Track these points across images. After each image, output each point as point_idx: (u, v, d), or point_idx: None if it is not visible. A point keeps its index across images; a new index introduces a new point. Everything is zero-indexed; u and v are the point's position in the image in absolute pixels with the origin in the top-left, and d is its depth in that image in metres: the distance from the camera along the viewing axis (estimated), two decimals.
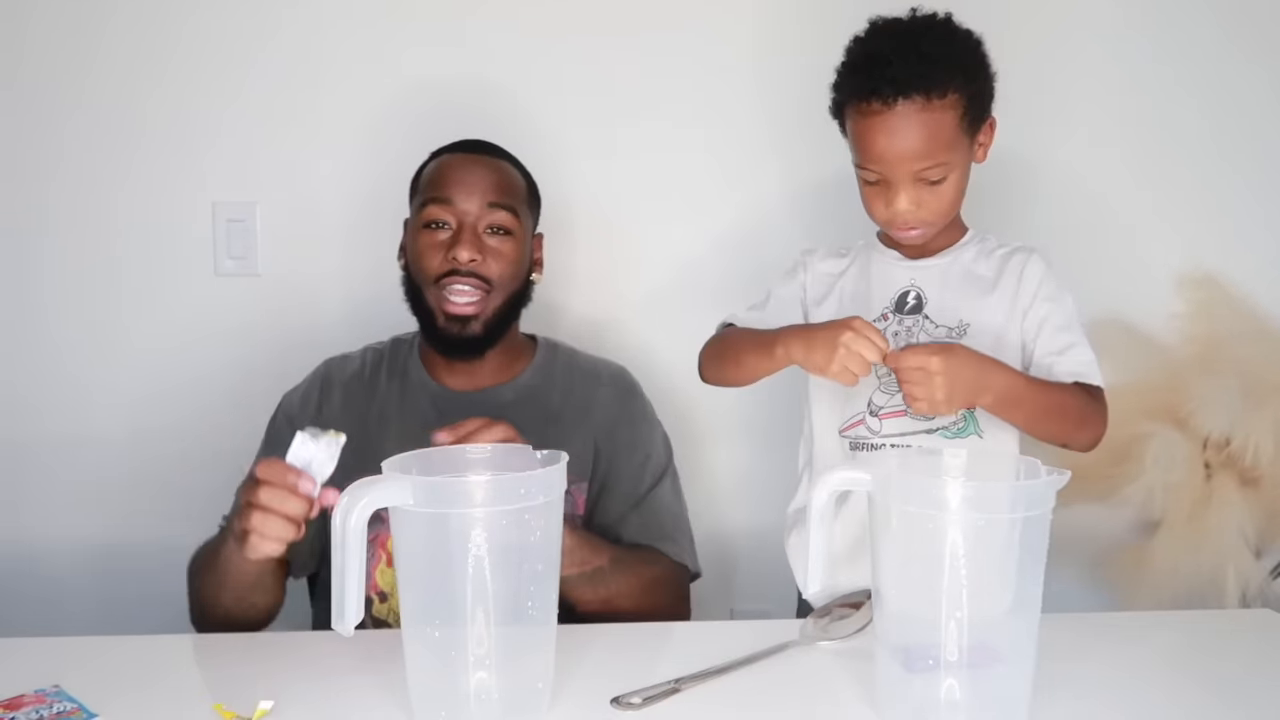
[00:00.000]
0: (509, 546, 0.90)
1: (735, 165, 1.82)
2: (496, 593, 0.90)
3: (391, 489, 0.88)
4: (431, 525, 0.89)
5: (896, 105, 1.16)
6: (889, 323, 1.26)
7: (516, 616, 0.92)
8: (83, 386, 1.83)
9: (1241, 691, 1.01)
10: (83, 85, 1.80)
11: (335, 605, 0.87)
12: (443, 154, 1.44)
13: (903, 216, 1.21)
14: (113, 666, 1.06)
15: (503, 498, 0.88)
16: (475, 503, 0.88)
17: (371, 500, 0.86)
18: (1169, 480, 1.67)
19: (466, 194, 1.37)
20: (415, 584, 0.92)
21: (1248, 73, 1.82)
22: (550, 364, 1.47)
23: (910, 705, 0.92)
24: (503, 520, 0.89)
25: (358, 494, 0.86)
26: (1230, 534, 1.68)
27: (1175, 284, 1.81)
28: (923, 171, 1.18)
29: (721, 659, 1.03)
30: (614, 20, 1.79)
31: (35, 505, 1.84)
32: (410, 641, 0.93)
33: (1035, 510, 0.88)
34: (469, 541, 0.88)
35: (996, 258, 1.28)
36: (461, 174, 1.38)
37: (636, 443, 1.43)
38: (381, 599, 1.34)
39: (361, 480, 0.88)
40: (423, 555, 0.91)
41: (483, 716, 0.91)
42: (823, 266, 1.35)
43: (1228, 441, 1.68)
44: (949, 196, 1.21)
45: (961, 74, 1.18)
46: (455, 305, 1.36)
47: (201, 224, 1.82)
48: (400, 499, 0.87)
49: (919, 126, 1.16)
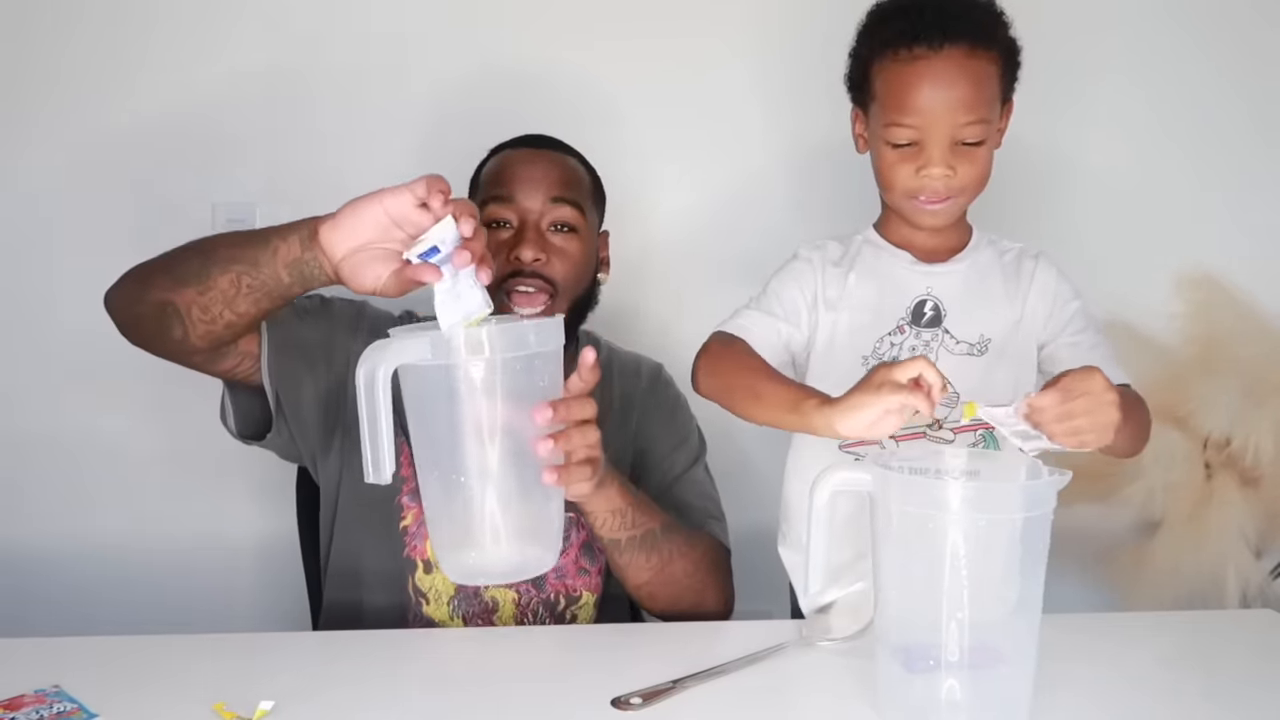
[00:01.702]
0: (521, 392, 0.98)
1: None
2: (513, 434, 0.98)
3: (409, 345, 0.95)
4: (446, 375, 0.96)
5: (943, 49, 1.09)
6: (906, 335, 1.20)
7: (530, 458, 1.00)
8: (82, 386, 1.83)
9: (1242, 692, 1.00)
10: (83, 85, 1.79)
11: (371, 457, 0.93)
12: (503, 150, 1.39)
13: (936, 181, 1.13)
14: (113, 666, 1.06)
15: (513, 345, 0.96)
16: (488, 350, 0.95)
17: (393, 358, 0.93)
18: (1169, 480, 1.67)
19: (529, 190, 1.31)
20: (432, 436, 1.00)
21: (1247, 73, 1.82)
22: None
23: (911, 706, 0.92)
24: (516, 365, 0.97)
25: (376, 355, 0.93)
26: (1230, 534, 1.68)
27: (1175, 284, 1.81)
28: (963, 128, 1.11)
29: (721, 659, 1.03)
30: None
31: (35, 505, 1.84)
32: (433, 488, 1.01)
33: (1036, 510, 0.88)
34: (488, 386, 0.96)
35: (1008, 263, 1.23)
36: (523, 169, 1.33)
37: (672, 431, 1.42)
38: (427, 569, 1.30)
39: (377, 342, 0.94)
40: (438, 406, 0.98)
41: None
42: (832, 261, 1.25)
43: (1228, 441, 1.69)
44: (982, 166, 1.14)
45: (1002, 31, 1.14)
46: (521, 299, 1.30)
47: (201, 224, 1.82)
48: (418, 355, 0.94)
49: (967, 74, 1.10)
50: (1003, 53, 1.15)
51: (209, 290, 1.09)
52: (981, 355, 1.19)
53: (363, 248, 1.01)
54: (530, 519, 1.02)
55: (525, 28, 1.80)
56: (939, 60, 1.10)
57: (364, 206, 1.00)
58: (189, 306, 1.11)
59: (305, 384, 1.29)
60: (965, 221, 1.25)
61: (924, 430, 1.19)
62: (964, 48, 1.10)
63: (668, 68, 1.80)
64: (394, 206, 0.98)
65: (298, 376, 1.28)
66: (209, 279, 1.09)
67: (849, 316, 1.22)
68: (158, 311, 1.13)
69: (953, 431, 1.20)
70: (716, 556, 1.33)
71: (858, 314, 1.22)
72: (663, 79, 1.81)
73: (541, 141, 1.39)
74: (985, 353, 1.19)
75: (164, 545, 1.83)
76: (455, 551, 1.02)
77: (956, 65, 1.11)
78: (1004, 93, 1.17)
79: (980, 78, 1.12)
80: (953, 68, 1.11)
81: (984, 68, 1.12)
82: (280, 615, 1.71)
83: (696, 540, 1.30)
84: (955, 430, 1.20)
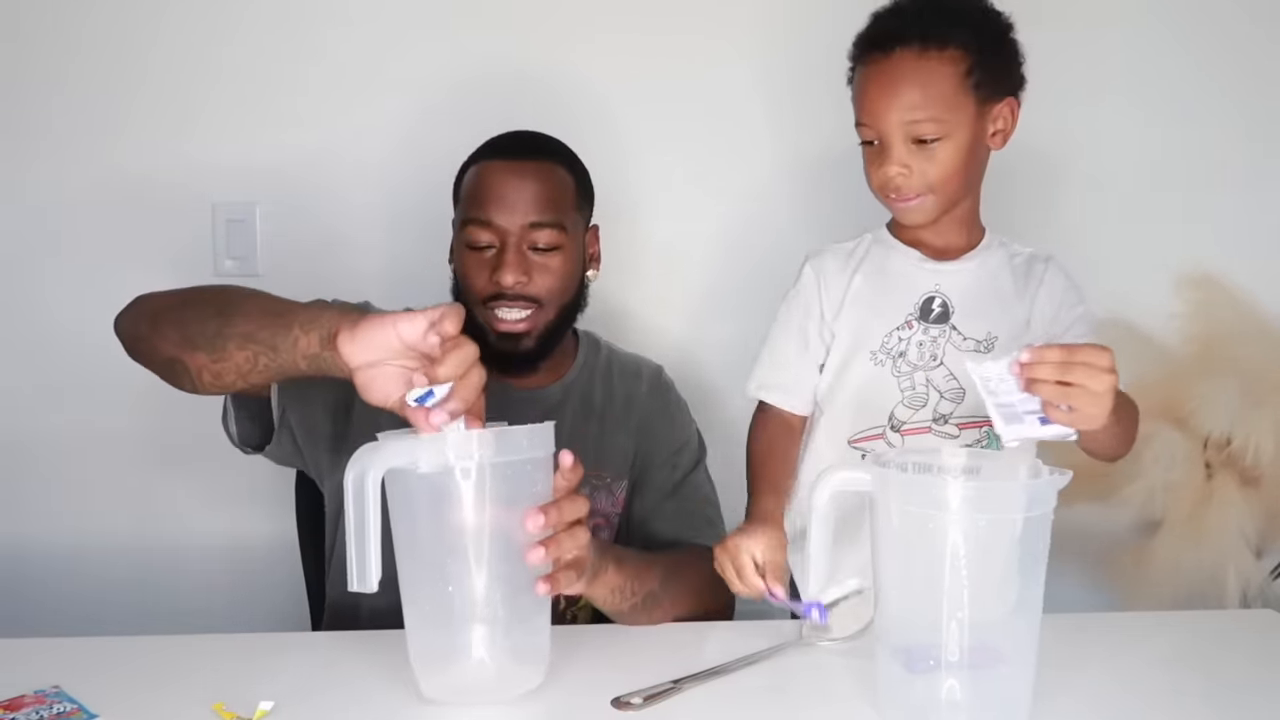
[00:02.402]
0: (513, 498, 0.94)
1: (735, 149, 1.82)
2: (507, 543, 0.94)
3: (400, 448, 0.91)
4: (439, 483, 0.92)
5: (893, 53, 1.15)
6: (914, 330, 1.22)
7: (522, 566, 0.95)
8: (82, 387, 1.83)
9: (1242, 691, 1.00)
10: (82, 85, 1.79)
11: (356, 565, 0.88)
12: (483, 158, 1.36)
13: (895, 179, 1.17)
14: (113, 666, 1.06)
15: (505, 450, 0.93)
16: (479, 456, 0.92)
17: (383, 462, 0.89)
18: (1169, 480, 1.67)
19: (507, 212, 1.30)
20: (419, 546, 0.96)
21: (1247, 73, 1.82)
22: (593, 361, 1.45)
23: (911, 706, 0.92)
24: (507, 471, 0.93)
25: (366, 458, 0.88)
26: (1231, 534, 1.68)
27: (1175, 284, 1.81)
28: (913, 125, 1.15)
29: (721, 659, 1.03)
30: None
31: (35, 505, 1.84)
32: (414, 604, 0.96)
33: (1037, 510, 0.88)
34: (478, 494, 0.92)
35: (1018, 265, 1.25)
36: (501, 189, 1.31)
37: (672, 434, 1.43)
38: None
39: (366, 445, 0.90)
40: (428, 515, 0.94)
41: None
42: (833, 267, 1.28)
43: (1228, 441, 1.68)
44: (945, 164, 1.16)
45: (967, 30, 1.16)
46: (505, 323, 1.32)
47: (201, 224, 1.82)
48: (408, 459, 0.91)
49: (912, 74, 1.15)
50: (969, 48, 1.16)
51: (222, 361, 1.07)
52: (988, 352, 1.21)
53: (375, 364, 0.99)
54: (518, 634, 0.97)
55: (531, 29, 1.80)
56: (888, 63, 1.16)
57: (379, 328, 0.98)
58: (200, 370, 1.09)
59: (314, 397, 1.29)
60: (977, 222, 1.27)
61: (929, 425, 1.20)
62: (915, 48, 1.15)
63: (668, 66, 1.80)
64: (407, 332, 0.97)
65: (306, 392, 1.27)
66: (224, 351, 1.07)
67: (857, 313, 1.25)
68: (167, 365, 1.12)
69: (958, 427, 1.22)
70: (714, 572, 1.33)
71: (865, 310, 1.25)
72: (663, 77, 1.80)
73: (521, 147, 1.36)
74: (992, 350, 1.21)
75: (164, 545, 1.83)
76: (436, 666, 0.96)
77: (904, 66, 1.15)
78: (979, 92, 1.17)
79: (932, 76, 1.15)
80: (900, 68, 1.15)
81: (936, 69, 1.15)
82: (280, 615, 1.70)
83: (697, 569, 1.27)
84: (960, 426, 1.22)
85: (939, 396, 1.22)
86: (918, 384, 1.22)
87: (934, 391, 1.22)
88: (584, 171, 1.41)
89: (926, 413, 1.22)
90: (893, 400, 1.22)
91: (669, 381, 1.48)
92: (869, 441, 1.24)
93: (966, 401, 1.21)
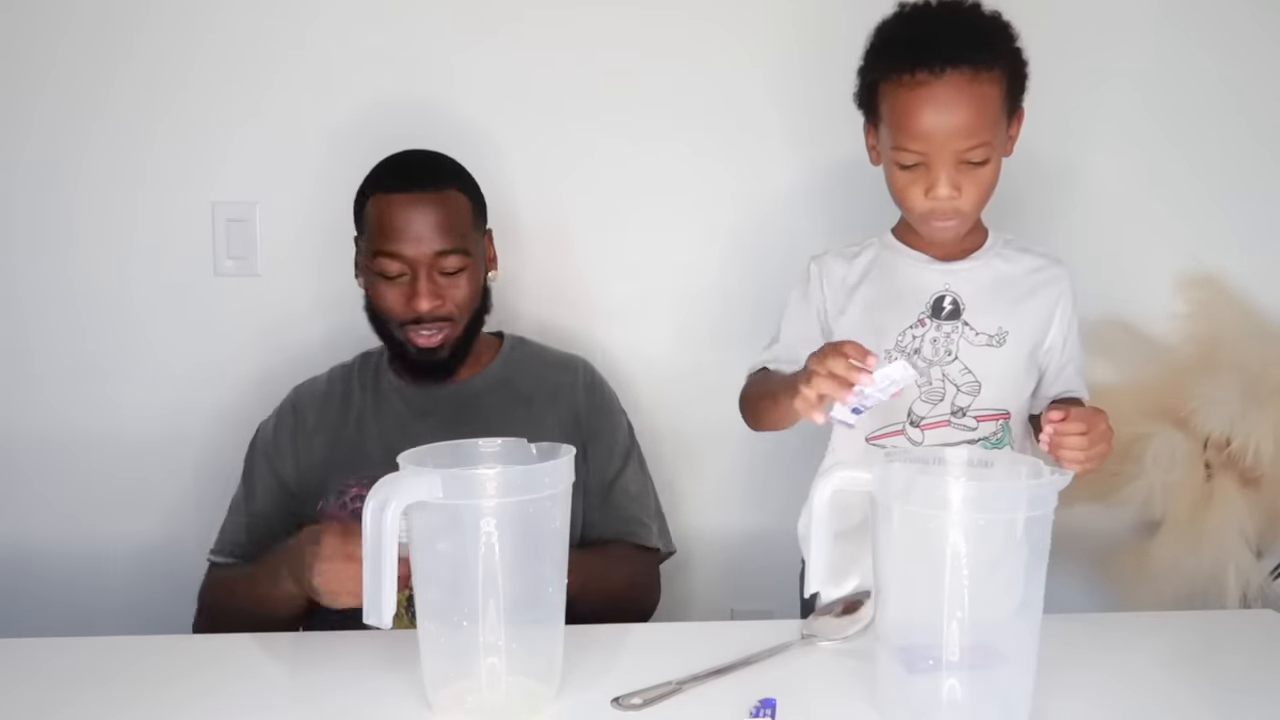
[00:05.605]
0: (531, 533, 0.93)
1: (737, 161, 1.82)
2: (521, 579, 0.94)
3: (420, 483, 0.89)
4: (458, 516, 0.91)
5: (945, 75, 1.10)
6: (926, 328, 1.23)
7: (537, 601, 0.95)
8: (81, 387, 1.83)
9: (1242, 692, 1.00)
10: (82, 87, 1.79)
11: (370, 600, 0.88)
12: (382, 188, 1.41)
13: (944, 203, 1.15)
14: (113, 666, 1.06)
15: (527, 487, 0.91)
16: (502, 493, 0.91)
17: (404, 495, 0.88)
18: (1169, 480, 1.67)
19: (414, 244, 1.38)
20: (439, 575, 0.94)
21: (1246, 73, 1.82)
22: (519, 355, 1.53)
23: (911, 706, 0.92)
24: (529, 509, 0.92)
25: (387, 489, 0.87)
26: (1231, 534, 1.67)
27: (1175, 284, 1.81)
28: (967, 151, 1.13)
29: (721, 659, 1.03)
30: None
31: (35, 505, 1.84)
32: (429, 635, 0.95)
33: (1038, 510, 0.88)
34: (497, 529, 0.91)
35: (1027, 265, 1.27)
36: (405, 223, 1.38)
37: (602, 432, 1.48)
38: None
39: (388, 476, 0.89)
40: (448, 546, 0.93)
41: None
42: (837, 271, 1.29)
43: (1228, 441, 1.68)
44: (988, 183, 1.17)
45: (1006, 47, 1.15)
46: (423, 338, 1.41)
47: (201, 224, 1.81)
48: (429, 493, 0.89)
49: (968, 99, 1.11)
50: (1007, 68, 1.16)
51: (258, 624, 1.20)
52: (1001, 346, 1.22)
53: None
54: (532, 666, 0.96)
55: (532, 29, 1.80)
56: (941, 86, 1.11)
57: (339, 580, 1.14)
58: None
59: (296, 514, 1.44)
60: (980, 222, 1.28)
61: (948, 419, 1.22)
62: (967, 72, 1.11)
63: (671, 64, 1.80)
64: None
65: (285, 514, 1.45)
66: (246, 626, 1.19)
67: (862, 316, 1.25)
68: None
69: (976, 419, 1.23)
70: (640, 573, 1.42)
71: (874, 313, 1.25)
72: (665, 76, 1.80)
73: (418, 177, 1.41)
74: (1004, 344, 1.22)
75: (164, 545, 1.82)
76: (448, 692, 0.96)
77: (959, 90, 1.11)
78: (1010, 106, 1.18)
79: (984, 100, 1.13)
80: (955, 93, 1.11)
81: (987, 90, 1.13)
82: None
83: (619, 570, 1.37)
84: (979, 418, 1.23)
85: (956, 390, 1.22)
86: (934, 379, 1.22)
87: (950, 385, 1.22)
88: (475, 186, 1.47)
89: (944, 406, 1.22)
90: (910, 396, 1.23)
91: (601, 377, 1.55)
92: (889, 438, 1.24)
93: (983, 394, 1.22)
